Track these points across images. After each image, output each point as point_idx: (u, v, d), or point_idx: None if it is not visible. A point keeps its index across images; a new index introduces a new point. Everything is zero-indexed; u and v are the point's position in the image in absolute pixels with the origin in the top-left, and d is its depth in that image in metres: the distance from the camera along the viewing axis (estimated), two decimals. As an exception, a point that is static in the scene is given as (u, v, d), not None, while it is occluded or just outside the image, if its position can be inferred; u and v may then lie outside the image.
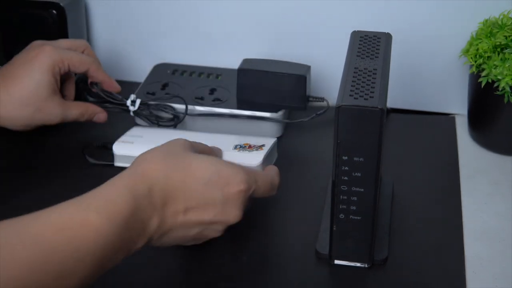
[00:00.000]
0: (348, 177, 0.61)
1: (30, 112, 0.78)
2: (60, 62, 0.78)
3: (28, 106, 0.78)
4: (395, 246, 0.69)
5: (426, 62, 0.91)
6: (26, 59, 0.78)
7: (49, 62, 0.77)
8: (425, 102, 0.93)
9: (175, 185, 0.59)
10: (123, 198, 0.55)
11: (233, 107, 0.86)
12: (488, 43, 0.80)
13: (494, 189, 0.79)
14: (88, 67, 0.81)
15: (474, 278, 0.66)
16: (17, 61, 0.79)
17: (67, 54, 0.79)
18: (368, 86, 0.61)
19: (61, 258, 0.49)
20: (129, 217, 0.54)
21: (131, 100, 0.84)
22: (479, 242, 0.71)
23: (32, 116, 0.78)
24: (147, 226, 0.57)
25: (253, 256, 0.67)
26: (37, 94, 0.77)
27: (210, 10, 0.94)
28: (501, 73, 0.78)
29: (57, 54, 0.78)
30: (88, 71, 0.81)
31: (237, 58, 0.87)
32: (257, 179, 0.64)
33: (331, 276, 0.67)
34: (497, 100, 0.79)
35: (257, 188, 0.64)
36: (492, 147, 0.85)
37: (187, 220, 0.60)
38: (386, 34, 0.70)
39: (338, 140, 0.60)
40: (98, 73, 0.82)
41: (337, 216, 0.64)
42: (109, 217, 0.53)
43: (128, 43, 0.99)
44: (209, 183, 0.60)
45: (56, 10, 0.89)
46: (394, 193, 0.76)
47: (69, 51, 0.80)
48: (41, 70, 0.77)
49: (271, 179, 0.67)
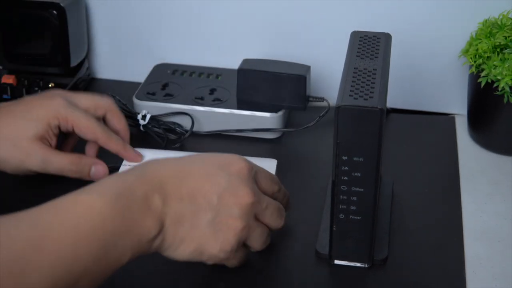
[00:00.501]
0: (348, 177, 0.61)
1: (17, 154, 0.71)
2: (64, 120, 0.72)
3: (15, 147, 0.70)
4: (395, 246, 0.69)
5: (426, 62, 0.91)
6: (32, 102, 0.73)
7: (51, 114, 0.71)
8: (425, 102, 0.93)
9: (172, 170, 0.58)
10: (112, 177, 0.55)
11: (233, 107, 0.86)
12: (487, 43, 0.80)
13: (494, 189, 0.79)
14: (96, 137, 0.73)
15: (474, 278, 0.66)
16: (23, 101, 0.74)
17: (76, 115, 0.72)
18: (368, 86, 0.61)
19: (58, 237, 0.49)
20: (122, 191, 0.53)
21: (142, 115, 0.84)
22: (479, 242, 0.71)
23: (19, 159, 0.71)
24: (151, 202, 0.54)
25: (253, 256, 0.67)
26: (24, 134, 0.70)
27: (210, 10, 0.94)
28: (500, 73, 0.78)
29: (64, 110, 0.72)
30: (97, 141, 0.74)
31: (237, 58, 0.87)
32: (256, 167, 0.63)
33: (331, 276, 0.67)
34: (496, 100, 0.79)
35: (258, 173, 0.62)
36: (492, 147, 0.85)
37: (194, 201, 0.57)
38: (386, 34, 0.70)
39: (338, 140, 0.60)
40: (109, 144, 0.74)
41: (337, 216, 0.64)
42: (100, 193, 0.52)
43: (128, 43, 0.99)
44: (209, 163, 0.59)
45: (56, 10, 0.89)
46: (394, 193, 0.76)
47: (81, 113, 0.72)
48: (39, 116, 0.71)
49: (270, 174, 0.65)
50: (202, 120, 0.86)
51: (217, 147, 0.84)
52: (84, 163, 0.73)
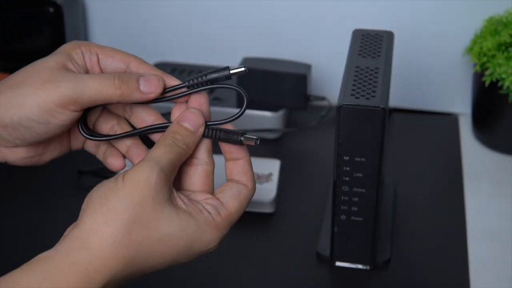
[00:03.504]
0: (350, 178, 0.61)
1: (36, 96, 0.51)
2: (86, 48, 0.55)
3: (31, 87, 0.52)
4: (398, 248, 0.69)
5: (429, 61, 0.90)
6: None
7: (70, 46, 0.54)
8: (428, 102, 0.93)
9: (135, 267, 0.48)
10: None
11: (233, 106, 0.85)
12: (492, 41, 0.79)
13: (498, 190, 0.78)
14: (129, 60, 0.54)
15: (478, 279, 0.66)
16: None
17: (99, 45, 0.55)
18: (370, 85, 0.60)
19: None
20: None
21: None
22: (483, 243, 0.70)
23: (42, 100, 0.51)
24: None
25: (253, 256, 0.67)
26: (44, 65, 0.53)
27: (209, 9, 0.94)
28: (505, 72, 0.77)
29: (85, 43, 0.55)
30: (130, 63, 0.54)
31: (237, 57, 0.87)
32: (233, 221, 0.52)
33: (332, 278, 0.66)
34: (501, 99, 0.79)
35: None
36: (496, 147, 0.84)
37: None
38: (388, 32, 0.70)
39: (339, 140, 0.60)
40: (144, 67, 0.54)
41: (338, 217, 0.63)
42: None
43: (126, 41, 0.98)
44: (175, 258, 0.49)
45: (52, 8, 0.89)
46: (397, 193, 0.76)
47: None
48: (55, 53, 0.54)
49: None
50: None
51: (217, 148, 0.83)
52: (129, 74, 0.53)
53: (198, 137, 0.52)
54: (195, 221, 0.49)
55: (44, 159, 0.57)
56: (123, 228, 0.47)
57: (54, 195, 0.76)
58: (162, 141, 0.50)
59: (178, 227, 0.48)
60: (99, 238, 0.46)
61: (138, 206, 0.47)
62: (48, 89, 0.51)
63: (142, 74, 0.53)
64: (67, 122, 0.52)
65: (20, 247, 0.69)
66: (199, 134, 0.52)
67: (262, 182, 0.74)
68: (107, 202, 0.47)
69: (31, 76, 0.52)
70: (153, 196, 0.47)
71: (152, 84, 0.53)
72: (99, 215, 0.47)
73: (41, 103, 0.51)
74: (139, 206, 0.47)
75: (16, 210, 0.74)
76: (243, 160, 0.53)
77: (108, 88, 0.52)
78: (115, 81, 0.52)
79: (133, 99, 0.53)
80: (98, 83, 0.52)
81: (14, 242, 0.70)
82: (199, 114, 0.52)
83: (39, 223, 0.72)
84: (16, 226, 0.72)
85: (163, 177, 0.48)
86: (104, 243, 0.46)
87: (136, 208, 0.47)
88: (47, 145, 0.56)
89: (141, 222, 0.47)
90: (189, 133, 0.52)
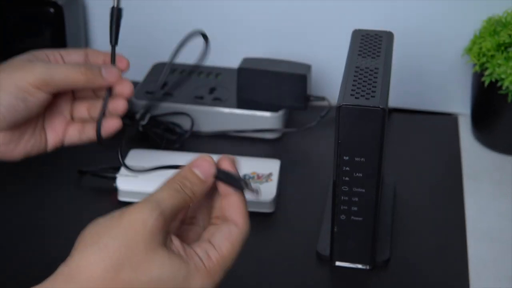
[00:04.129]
0: (349, 178, 0.61)
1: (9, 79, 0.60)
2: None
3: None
4: (397, 248, 0.69)
5: (428, 61, 0.90)
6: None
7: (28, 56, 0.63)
8: (428, 102, 0.93)
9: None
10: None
11: (233, 106, 0.85)
12: (491, 42, 0.79)
13: (498, 190, 0.78)
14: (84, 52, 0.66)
15: (478, 279, 0.66)
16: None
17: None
18: (370, 85, 0.60)
19: None
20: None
21: (141, 114, 0.83)
22: (483, 243, 0.70)
23: (15, 82, 0.60)
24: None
25: (253, 257, 0.67)
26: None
27: (210, 9, 0.93)
28: (504, 72, 0.77)
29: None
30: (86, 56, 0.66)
31: (237, 58, 0.87)
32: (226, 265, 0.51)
33: (332, 277, 0.66)
34: (500, 99, 0.79)
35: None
36: (496, 147, 0.84)
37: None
38: (388, 32, 0.69)
39: (339, 140, 0.60)
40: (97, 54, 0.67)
41: (338, 217, 0.63)
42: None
43: (126, 42, 0.98)
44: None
45: (53, 8, 0.89)
46: (396, 193, 0.76)
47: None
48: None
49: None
50: (202, 120, 0.85)
51: (217, 148, 0.83)
52: (93, 64, 0.64)
53: (207, 186, 0.51)
54: (186, 267, 0.47)
55: (18, 151, 0.63)
56: (112, 268, 0.45)
57: (54, 195, 0.76)
58: (169, 184, 0.49)
59: (168, 272, 0.47)
60: (86, 276, 0.45)
61: (130, 248, 0.46)
62: (24, 72, 0.60)
63: (104, 65, 0.64)
64: (43, 103, 0.61)
65: (20, 247, 0.69)
66: (209, 183, 0.51)
67: (262, 182, 0.74)
68: (99, 240, 0.46)
69: (6, 66, 0.61)
70: (147, 239, 0.46)
71: (112, 71, 0.64)
72: (89, 252, 0.46)
73: (18, 82, 0.59)
74: (131, 247, 0.46)
75: (16, 210, 0.74)
76: (236, 195, 0.51)
77: (76, 73, 0.61)
78: (82, 68, 0.62)
79: (96, 84, 0.63)
80: (67, 68, 0.61)
81: (14, 242, 0.70)
82: (212, 163, 0.51)
83: (39, 223, 0.72)
84: (16, 226, 0.72)
85: (162, 221, 0.47)
86: (91, 282, 0.45)
87: (128, 249, 0.46)
88: (23, 132, 0.63)
89: (131, 264, 0.46)
90: (198, 182, 0.50)
